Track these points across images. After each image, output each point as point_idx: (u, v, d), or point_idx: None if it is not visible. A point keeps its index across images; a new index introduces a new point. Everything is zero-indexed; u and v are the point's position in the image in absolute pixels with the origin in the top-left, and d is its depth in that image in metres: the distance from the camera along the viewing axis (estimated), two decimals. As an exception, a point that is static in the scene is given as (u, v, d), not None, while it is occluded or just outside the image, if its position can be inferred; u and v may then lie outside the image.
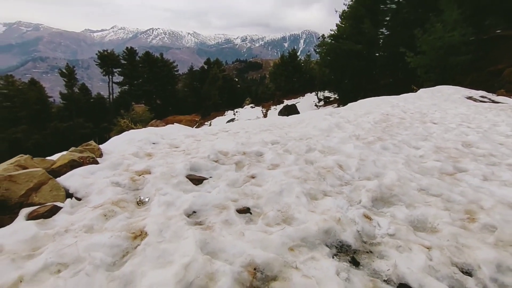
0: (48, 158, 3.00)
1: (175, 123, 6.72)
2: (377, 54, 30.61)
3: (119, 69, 49.64)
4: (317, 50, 35.61)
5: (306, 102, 38.04)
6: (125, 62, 50.13)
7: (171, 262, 1.55)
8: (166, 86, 53.15)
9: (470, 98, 11.34)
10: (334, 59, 30.50)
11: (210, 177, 2.74)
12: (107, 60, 48.05)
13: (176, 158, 3.15)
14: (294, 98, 42.37)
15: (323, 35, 35.93)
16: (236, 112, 40.42)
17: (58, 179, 2.43)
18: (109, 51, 49.30)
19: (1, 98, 38.38)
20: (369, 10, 27.96)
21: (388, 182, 2.67)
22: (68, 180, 2.47)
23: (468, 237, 1.93)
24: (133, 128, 5.70)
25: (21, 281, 1.40)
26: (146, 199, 2.29)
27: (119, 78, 50.52)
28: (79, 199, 2.31)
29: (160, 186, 2.40)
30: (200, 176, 2.71)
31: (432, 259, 1.70)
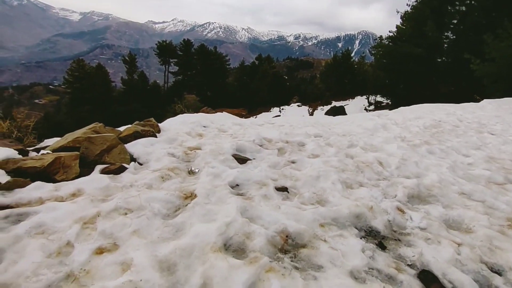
0: (116, 128, 3.45)
1: (224, 112, 7.10)
2: (439, 60, 28.59)
3: (175, 60, 52.22)
4: (372, 52, 34.11)
5: (355, 105, 36.81)
6: (181, 53, 52.59)
7: (214, 220, 1.79)
8: (217, 79, 54.77)
9: (542, 113, 10.25)
10: (390, 63, 29.05)
11: (254, 158, 2.97)
12: (165, 51, 50.87)
13: (224, 140, 3.43)
14: (344, 100, 41.21)
15: (380, 37, 34.25)
16: (282, 109, 40.49)
17: (124, 145, 2.82)
18: (167, 42, 52.18)
19: (73, 80, 42.67)
20: (435, 12, 26.14)
21: (428, 182, 2.68)
22: (133, 147, 2.86)
23: (504, 241, 1.91)
24: (186, 113, 6.19)
25: (98, 216, 1.74)
26: (196, 170, 2.58)
27: (175, 68, 53.23)
28: (140, 164, 2.68)
29: (209, 160, 2.69)
30: (244, 157, 2.95)
31: (460, 254, 1.75)
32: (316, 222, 1.89)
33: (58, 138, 3.22)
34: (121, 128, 3.54)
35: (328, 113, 28.43)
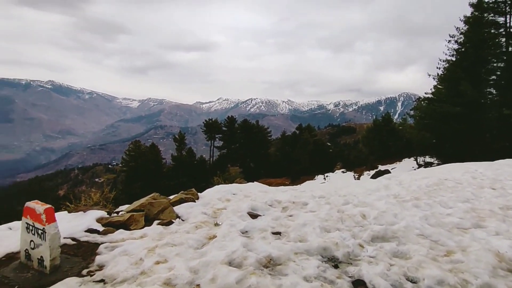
0: (168, 197, 4.76)
1: (255, 182, 8.26)
2: (485, 116, 28.09)
3: (220, 135, 56.64)
4: (411, 114, 34.34)
5: (403, 167, 35.78)
6: (226, 128, 57.17)
7: (225, 249, 2.82)
8: (260, 150, 57.52)
9: None
10: (430, 123, 29.15)
11: (264, 214, 4.00)
12: (211, 127, 55.79)
13: (245, 202, 4.53)
14: (390, 164, 40.40)
15: (418, 98, 34.81)
16: (327, 176, 40.56)
17: (173, 207, 4.06)
18: (213, 119, 57.57)
19: (129, 159, 47.90)
20: (468, 72, 26.79)
21: (396, 228, 3.46)
22: (178, 209, 4.08)
23: (430, 264, 2.65)
24: (222, 184, 7.52)
25: (156, 247, 2.88)
26: (220, 223, 3.67)
27: (220, 143, 57.40)
28: (183, 220, 3.85)
29: (230, 216, 3.79)
30: (256, 214, 4.01)
31: (389, 270, 2.54)
32: (292, 252, 2.83)
33: (128, 205, 4.58)
34: (171, 196, 4.84)
35: (373, 177, 28.09)
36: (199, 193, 5.29)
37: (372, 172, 34.83)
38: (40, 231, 2.43)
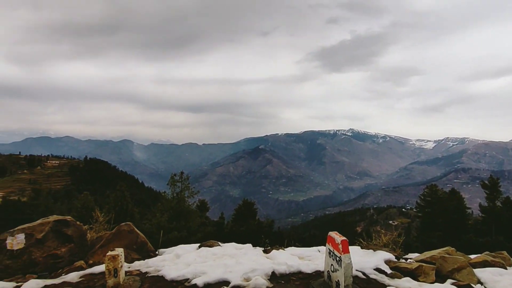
0: (466, 255, 4.05)
1: None
2: None
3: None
4: None
5: None
6: None
7: None
8: None
9: None
10: None
11: None
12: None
13: None
14: None
15: None
16: None
17: (473, 269, 3.40)
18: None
19: (424, 204, 44.57)
20: None
21: None
22: (480, 272, 3.36)
23: None
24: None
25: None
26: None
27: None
28: (486, 288, 3.11)
29: None
30: None
31: None
32: None
33: (417, 254, 4.34)
34: (472, 256, 4.08)
35: None
36: (515, 259, 4.05)
37: None
38: (337, 258, 2.91)
